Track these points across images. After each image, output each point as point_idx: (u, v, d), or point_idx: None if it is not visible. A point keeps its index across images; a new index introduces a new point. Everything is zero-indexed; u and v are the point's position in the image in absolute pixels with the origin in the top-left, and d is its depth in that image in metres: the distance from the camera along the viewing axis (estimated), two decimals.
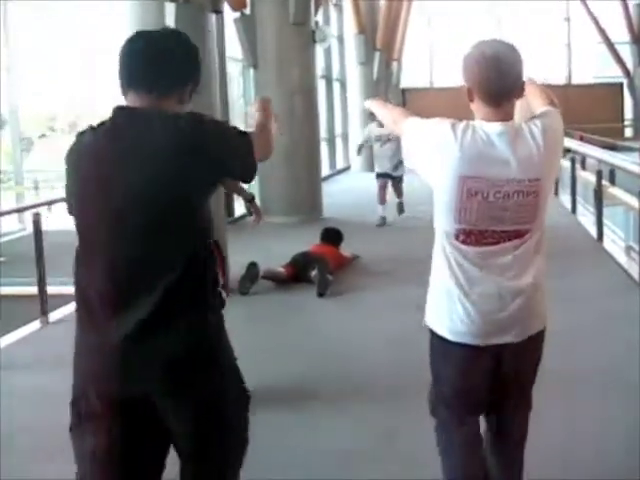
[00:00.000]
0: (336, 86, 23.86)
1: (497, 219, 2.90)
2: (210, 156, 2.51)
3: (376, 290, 7.99)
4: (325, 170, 19.04)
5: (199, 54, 2.72)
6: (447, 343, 3.05)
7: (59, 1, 18.50)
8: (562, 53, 32.22)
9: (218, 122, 2.77)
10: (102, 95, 8.32)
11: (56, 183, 17.11)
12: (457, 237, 2.95)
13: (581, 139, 14.39)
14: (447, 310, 3.02)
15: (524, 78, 2.97)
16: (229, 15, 12.94)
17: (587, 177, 11.99)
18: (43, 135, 29.37)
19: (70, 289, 2.68)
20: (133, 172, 2.47)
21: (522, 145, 2.87)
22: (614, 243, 10.05)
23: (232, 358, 2.77)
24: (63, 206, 2.77)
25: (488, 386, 3.10)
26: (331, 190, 15.72)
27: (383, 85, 23.75)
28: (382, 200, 12.34)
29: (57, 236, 9.97)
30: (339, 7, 24.02)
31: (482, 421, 3.27)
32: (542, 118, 2.98)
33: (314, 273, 8.03)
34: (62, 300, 7.69)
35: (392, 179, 12.45)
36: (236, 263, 7.68)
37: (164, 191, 2.47)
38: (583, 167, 13.09)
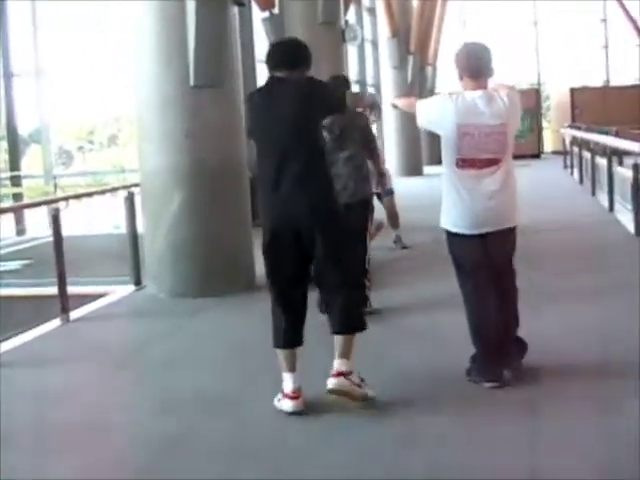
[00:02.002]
0: (370, 90, 23.68)
1: (481, 150, 4.77)
2: (326, 100, 4.77)
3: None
4: None
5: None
6: (454, 235, 4.93)
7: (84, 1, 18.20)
8: (600, 55, 31.71)
9: (331, 87, 5.48)
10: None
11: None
12: (457, 164, 4.81)
13: (617, 134, 14.07)
14: (452, 213, 4.90)
15: (500, 82, 5.10)
16: (258, 17, 12.88)
17: (624, 174, 11.66)
18: (81, 147, 29.66)
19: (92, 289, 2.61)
20: (293, 105, 4.53)
21: (494, 103, 4.79)
22: None
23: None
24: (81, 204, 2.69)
25: (483, 259, 4.90)
26: None
27: (417, 89, 23.52)
28: None
29: (75, 240, 9.97)
30: (372, 10, 23.92)
31: None
32: (506, 89, 4.91)
33: None
34: (85, 300, 7.64)
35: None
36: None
37: (306, 115, 4.57)
38: (620, 164, 12.79)
